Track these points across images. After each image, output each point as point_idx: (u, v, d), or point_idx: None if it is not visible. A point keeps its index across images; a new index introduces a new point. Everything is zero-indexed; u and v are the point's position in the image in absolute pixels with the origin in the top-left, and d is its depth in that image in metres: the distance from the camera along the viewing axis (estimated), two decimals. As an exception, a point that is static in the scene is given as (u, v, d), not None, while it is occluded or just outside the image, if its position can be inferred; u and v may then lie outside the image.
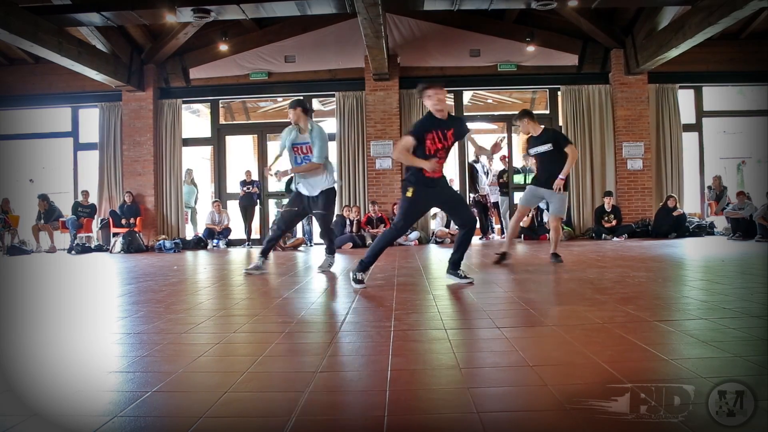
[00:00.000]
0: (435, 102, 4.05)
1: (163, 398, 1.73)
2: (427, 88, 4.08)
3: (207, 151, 12.67)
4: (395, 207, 10.26)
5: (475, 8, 9.13)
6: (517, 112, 5.95)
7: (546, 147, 5.65)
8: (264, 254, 5.45)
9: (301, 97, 5.69)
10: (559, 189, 5.56)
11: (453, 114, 4.45)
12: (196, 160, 12.98)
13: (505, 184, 11.10)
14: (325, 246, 5.65)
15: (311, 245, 10.47)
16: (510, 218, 11.15)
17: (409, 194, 4.09)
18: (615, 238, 9.95)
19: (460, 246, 4.30)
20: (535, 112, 13.25)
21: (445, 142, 4.07)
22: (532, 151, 5.80)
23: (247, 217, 10.91)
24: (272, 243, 5.59)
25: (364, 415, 1.56)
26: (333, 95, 11.21)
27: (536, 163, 5.97)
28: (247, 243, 10.72)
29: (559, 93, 11.02)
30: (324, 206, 5.28)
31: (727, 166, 12.66)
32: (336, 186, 5.39)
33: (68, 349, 2.46)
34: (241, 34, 10.95)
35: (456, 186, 11.73)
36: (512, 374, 1.92)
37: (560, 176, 5.51)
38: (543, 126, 5.85)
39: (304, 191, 5.29)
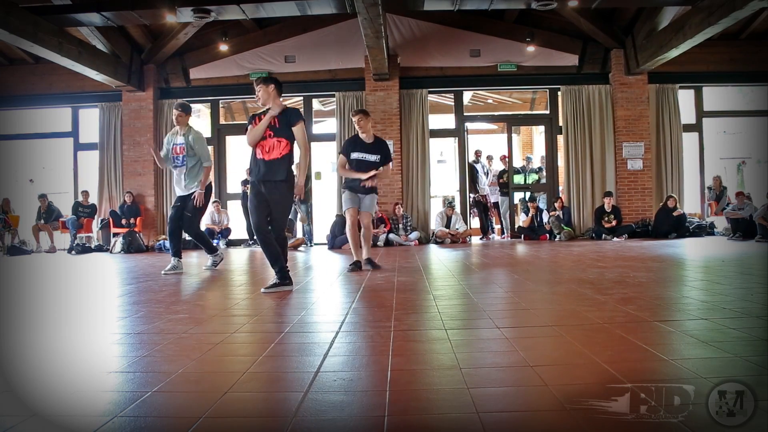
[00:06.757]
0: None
1: (163, 398, 1.73)
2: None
3: (207, 151, 12.64)
4: (396, 207, 10.28)
5: (476, 8, 9.13)
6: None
7: (375, 157, 5.46)
8: (178, 255, 5.85)
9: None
10: (371, 186, 5.46)
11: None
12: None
13: (505, 185, 11.10)
14: (204, 249, 6.13)
15: (311, 245, 10.48)
16: (507, 218, 11.21)
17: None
18: (615, 239, 9.95)
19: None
20: (535, 112, 13.37)
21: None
22: (359, 155, 5.47)
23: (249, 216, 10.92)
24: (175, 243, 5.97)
25: (364, 416, 1.56)
26: (333, 95, 11.21)
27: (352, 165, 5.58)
28: (248, 242, 10.71)
29: (559, 93, 11.02)
30: (191, 208, 5.84)
31: (727, 167, 12.65)
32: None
33: (68, 349, 2.46)
34: (241, 34, 10.96)
35: (456, 186, 11.74)
36: (512, 374, 1.92)
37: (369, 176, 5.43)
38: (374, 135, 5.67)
39: (178, 191, 5.98)
